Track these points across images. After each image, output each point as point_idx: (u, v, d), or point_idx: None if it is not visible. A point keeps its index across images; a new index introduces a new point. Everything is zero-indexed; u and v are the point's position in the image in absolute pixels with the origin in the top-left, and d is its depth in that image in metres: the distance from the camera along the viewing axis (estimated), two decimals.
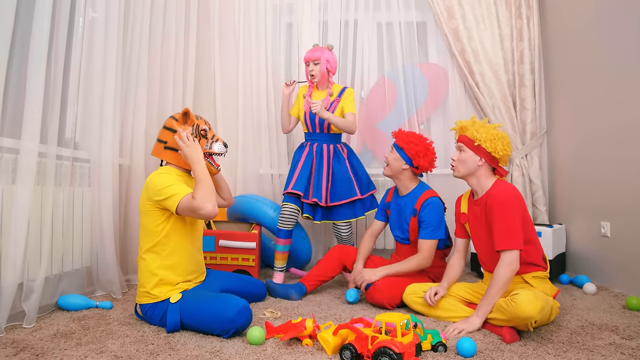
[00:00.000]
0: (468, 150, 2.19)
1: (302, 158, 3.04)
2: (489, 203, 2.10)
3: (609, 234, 2.84)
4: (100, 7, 2.56)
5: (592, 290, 2.68)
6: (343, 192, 3.00)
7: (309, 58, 3.04)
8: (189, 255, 2.12)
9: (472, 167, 2.18)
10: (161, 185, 1.97)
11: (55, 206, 2.27)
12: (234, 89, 3.83)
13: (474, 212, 2.23)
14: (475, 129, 2.19)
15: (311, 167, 3.02)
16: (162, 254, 2.03)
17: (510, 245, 1.98)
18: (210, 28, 3.86)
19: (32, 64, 2.04)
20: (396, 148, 2.67)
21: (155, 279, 2.01)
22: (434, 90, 3.85)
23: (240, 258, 2.95)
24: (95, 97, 2.54)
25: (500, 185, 2.13)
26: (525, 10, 3.64)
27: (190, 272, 2.14)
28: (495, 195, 2.08)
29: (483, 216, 2.15)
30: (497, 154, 2.15)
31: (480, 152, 2.17)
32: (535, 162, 3.61)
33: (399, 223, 2.70)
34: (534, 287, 2.06)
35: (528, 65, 3.61)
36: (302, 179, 2.97)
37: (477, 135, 2.16)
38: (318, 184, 2.97)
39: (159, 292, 2.01)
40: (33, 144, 2.02)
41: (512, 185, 2.16)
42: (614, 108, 2.77)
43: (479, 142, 2.16)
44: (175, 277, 2.05)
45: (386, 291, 2.38)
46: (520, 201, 2.07)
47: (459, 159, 2.22)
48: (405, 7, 3.81)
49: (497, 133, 2.18)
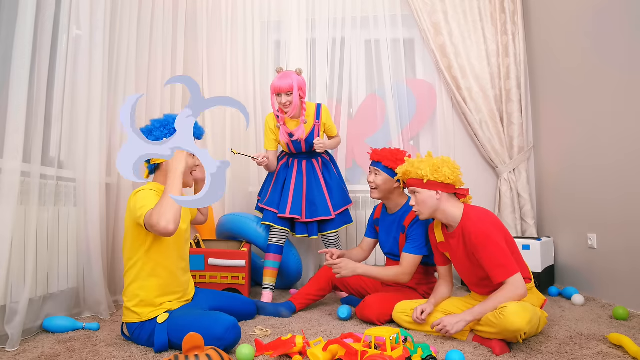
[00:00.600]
0: (421, 190, 2.17)
1: (293, 176, 3.05)
2: (467, 237, 2.07)
3: (595, 246, 2.86)
4: (84, 24, 2.54)
5: (580, 302, 2.71)
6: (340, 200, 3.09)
7: (280, 88, 2.85)
8: (171, 276, 2.06)
9: (433, 204, 2.15)
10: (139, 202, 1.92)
11: (40, 226, 2.23)
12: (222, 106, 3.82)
13: (451, 244, 2.21)
14: (417, 168, 2.18)
15: (302, 185, 3.03)
16: (142, 274, 1.99)
17: (509, 273, 1.96)
18: (197, 45, 3.86)
19: (13, 81, 2.00)
20: (383, 169, 2.56)
21: (136, 299, 1.98)
22: (422, 106, 3.89)
23: (230, 276, 2.92)
24: (81, 115, 2.52)
25: (470, 214, 2.10)
26: (511, 27, 3.71)
27: (173, 293, 2.08)
28: (471, 229, 2.04)
29: (462, 247, 2.13)
30: (448, 180, 2.14)
31: (432, 186, 2.15)
32: (523, 176, 3.64)
33: (388, 240, 2.67)
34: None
35: (514, 80, 3.67)
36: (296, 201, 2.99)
37: (422, 173, 2.15)
38: (321, 199, 3.01)
39: (142, 312, 1.98)
40: (15, 162, 1.99)
41: (481, 209, 2.14)
42: (599, 122, 2.81)
43: (427, 178, 2.14)
44: (156, 298, 2.00)
45: (376, 307, 2.36)
46: (497, 225, 2.06)
47: (417, 203, 2.19)
48: (392, 24, 3.87)
49: (437, 161, 2.18)
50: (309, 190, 3.03)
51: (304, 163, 3.08)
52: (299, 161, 3.08)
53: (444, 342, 2.00)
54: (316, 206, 3.00)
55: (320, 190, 3.03)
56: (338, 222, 3.07)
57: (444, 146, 3.81)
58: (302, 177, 3.05)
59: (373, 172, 2.61)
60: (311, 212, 3.00)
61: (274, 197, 3.03)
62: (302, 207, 2.99)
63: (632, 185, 2.53)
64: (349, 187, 3.77)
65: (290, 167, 3.08)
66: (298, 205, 2.98)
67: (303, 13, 3.85)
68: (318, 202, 3.00)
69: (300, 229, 3.02)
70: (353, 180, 3.90)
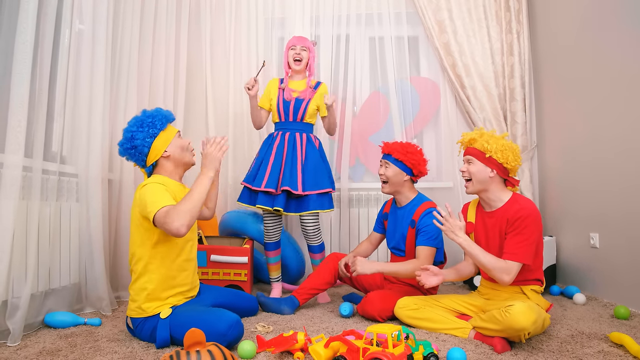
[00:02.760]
0: (478, 162, 2.13)
1: (273, 150, 2.93)
2: (512, 215, 2.04)
3: (598, 245, 2.85)
4: (87, 18, 2.53)
5: (582, 301, 2.71)
6: (316, 182, 2.89)
7: (298, 42, 3.00)
8: (179, 269, 2.06)
9: (484, 179, 2.12)
10: (147, 194, 1.92)
11: (42, 221, 2.22)
12: (225, 102, 3.83)
13: (486, 224, 2.19)
14: (485, 140, 2.13)
15: (282, 157, 2.91)
16: (150, 267, 1.98)
17: (517, 257, 1.97)
18: (201, 41, 3.87)
19: (15, 76, 1.99)
20: (393, 162, 2.59)
21: (144, 293, 1.97)
22: (425, 104, 3.88)
23: (232, 273, 2.92)
24: (83, 110, 2.51)
25: (520, 200, 2.08)
26: (516, 25, 3.69)
27: (181, 285, 2.07)
28: (520, 211, 2.02)
29: (497, 229, 2.12)
30: (508, 164, 2.10)
31: (491, 164, 2.11)
32: (527, 176, 3.63)
33: (395, 234, 2.66)
34: (529, 298, 2.07)
35: (518, 79, 3.65)
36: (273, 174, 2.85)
37: (488, 147, 2.10)
38: (292, 172, 2.86)
39: (148, 307, 1.97)
40: (17, 157, 1.98)
41: (531, 201, 2.11)
42: (603, 121, 2.80)
43: (490, 154, 2.10)
44: (163, 292, 2.00)
45: (377, 303, 2.35)
46: (540, 220, 2.06)
47: (470, 174, 2.15)
48: (396, 22, 3.86)
49: (506, 143, 2.12)
50: (287, 163, 2.89)
51: (287, 136, 2.96)
52: (283, 134, 2.97)
53: (445, 339, 1.99)
54: (289, 178, 2.84)
55: (295, 164, 2.90)
56: (313, 204, 2.86)
57: (447, 144, 3.80)
58: (282, 149, 2.93)
59: (383, 165, 2.64)
60: (283, 184, 2.83)
61: (252, 171, 2.94)
62: (279, 181, 2.85)
63: (635, 186, 2.52)
64: (353, 185, 3.78)
65: (273, 141, 2.98)
66: (275, 179, 2.84)
67: (307, 10, 3.85)
68: (292, 175, 2.87)
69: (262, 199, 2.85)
70: (356, 178, 3.88)
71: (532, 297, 2.08)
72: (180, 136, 2.18)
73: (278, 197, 2.82)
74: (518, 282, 2.07)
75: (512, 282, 2.02)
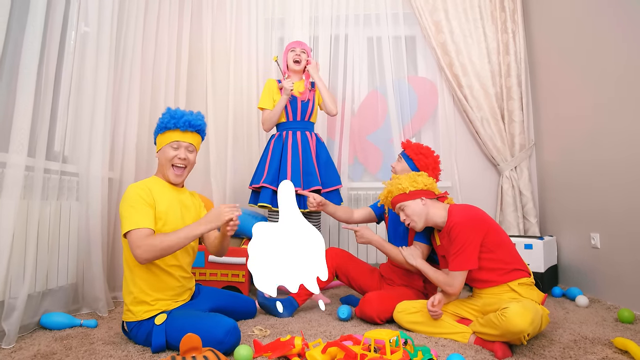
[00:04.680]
0: (407, 203, 2.26)
1: (289, 150, 2.97)
2: (446, 233, 2.17)
3: (599, 245, 2.84)
4: (92, 21, 2.57)
5: (585, 303, 2.67)
6: (329, 179, 3.01)
7: (297, 45, 3.11)
8: (164, 274, 2.00)
9: (422, 211, 2.24)
10: (124, 204, 1.91)
11: (42, 221, 2.23)
12: (225, 101, 3.82)
13: (444, 245, 2.26)
14: (396, 184, 2.30)
15: (298, 157, 2.97)
16: (134, 270, 1.96)
17: (457, 266, 2.08)
18: (202, 41, 3.89)
19: (22, 77, 2.04)
20: (405, 158, 2.65)
21: (130, 297, 1.96)
22: (423, 103, 3.87)
23: (230, 274, 2.91)
24: (86, 110, 2.53)
25: (453, 211, 2.18)
26: (511, 25, 3.70)
27: (168, 289, 2.02)
28: (448, 225, 2.15)
29: (449, 246, 2.18)
30: (426, 186, 2.29)
31: (416, 195, 2.26)
32: (525, 174, 3.63)
33: (397, 232, 2.64)
34: (520, 294, 2.05)
35: (515, 78, 3.65)
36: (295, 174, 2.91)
37: (401, 186, 2.28)
38: (311, 170, 2.94)
39: (138, 311, 1.94)
40: (20, 157, 2.00)
41: (465, 205, 2.22)
42: (601, 119, 2.79)
43: (409, 189, 2.26)
44: (147, 296, 1.95)
45: (376, 304, 2.32)
46: (476, 220, 2.11)
47: (408, 216, 2.25)
48: (394, 22, 3.87)
49: (410, 174, 2.34)
50: (304, 162, 2.97)
51: (299, 135, 3.03)
52: (294, 133, 3.04)
53: (445, 344, 1.98)
54: (311, 176, 2.94)
55: (312, 163, 2.98)
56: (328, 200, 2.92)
57: (445, 143, 3.80)
58: (297, 149, 3.00)
59: (397, 159, 2.71)
60: (307, 183, 2.93)
61: (272, 173, 2.94)
62: (301, 179, 2.93)
63: (635, 184, 2.50)
64: (351, 184, 3.77)
65: (285, 141, 3.03)
66: (297, 176, 2.91)
67: (306, 10, 3.87)
68: (313, 173, 2.95)
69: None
70: (355, 177, 3.88)
71: (523, 291, 2.06)
72: (178, 149, 2.09)
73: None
74: (500, 280, 2.09)
75: (497, 281, 2.09)
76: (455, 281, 2.10)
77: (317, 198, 2.64)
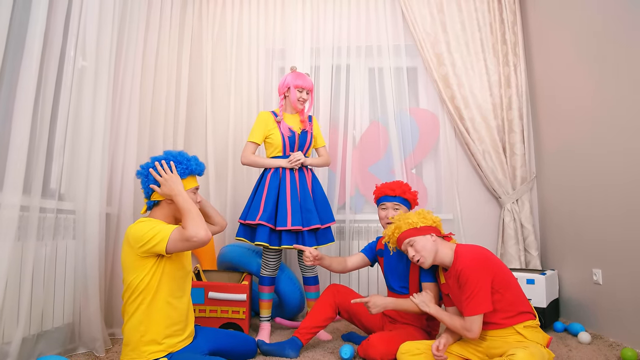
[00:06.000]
0: (418, 237, 2.22)
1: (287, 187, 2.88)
2: (455, 275, 2.12)
3: (601, 282, 2.81)
4: (90, 55, 2.52)
5: (587, 340, 2.65)
6: (325, 215, 2.95)
7: (306, 86, 2.96)
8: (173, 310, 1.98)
9: (432, 246, 2.20)
10: (142, 232, 1.87)
11: (37, 262, 2.16)
12: (225, 132, 3.81)
13: (449, 284, 2.22)
14: (405, 219, 2.30)
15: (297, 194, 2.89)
16: (154, 304, 1.91)
17: (473, 311, 2.00)
18: (202, 72, 3.88)
19: (17, 112, 1.98)
20: (405, 204, 2.68)
21: (137, 335, 1.89)
22: (425, 135, 3.87)
23: (230, 310, 2.84)
24: (83, 146, 2.47)
25: (460, 251, 2.16)
26: (512, 58, 3.72)
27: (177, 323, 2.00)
28: (459, 266, 2.10)
29: (456, 287, 2.15)
30: (434, 222, 2.30)
31: (426, 231, 2.25)
32: (526, 207, 3.61)
33: (397, 270, 2.61)
34: (526, 337, 2.02)
35: (516, 111, 3.66)
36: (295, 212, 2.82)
37: (411, 221, 2.26)
38: (309, 208, 2.87)
39: (144, 351, 1.88)
40: (15, 197, 1.94)
41: (472, 246, 2.19)
42: (602, 151, 2.78)
43: (418, 224, 2.26)
44: (159, 335, 1.92)
45: (380, 347, 2.28)
46: (485, 261, 2.07)
47: (417, 251, 2.21)
48: (395, 54, 3.89)
49: (417, 211, 2.35)
50: (303, 199, 2.89)
51: (296, 171, 2.94)
52: (291, 170, 2.93)
53: None
54: (310, 214, 2.85)
55: (310, 199, 2.91)
56: (320, 239, 2.90)
57: (446, 175, 3.79)
58: (295, 186, 2.90)
59: (396, 209, 2.68)
60: (307, 220, 2.84)
61: (269, 210, 2.81)
62: (301, 217, 2.82)
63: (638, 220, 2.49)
64: (352, 216, 3.74)
65: (282, 178, 2.91)
66: (297, 215, 2.81)
67: (307, 41, 3.88)
68: (312, 210, 2.87)
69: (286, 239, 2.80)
70: (356, 209, 3.83)
71: (529, 334, 2.03)
72: (195, 194, 2.13)
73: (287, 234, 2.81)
74: (506, 323, 2.05)
75: (503, 324, 2.05)
76: (474, 325, 2.03)
77: (313, 252, 2.57)
